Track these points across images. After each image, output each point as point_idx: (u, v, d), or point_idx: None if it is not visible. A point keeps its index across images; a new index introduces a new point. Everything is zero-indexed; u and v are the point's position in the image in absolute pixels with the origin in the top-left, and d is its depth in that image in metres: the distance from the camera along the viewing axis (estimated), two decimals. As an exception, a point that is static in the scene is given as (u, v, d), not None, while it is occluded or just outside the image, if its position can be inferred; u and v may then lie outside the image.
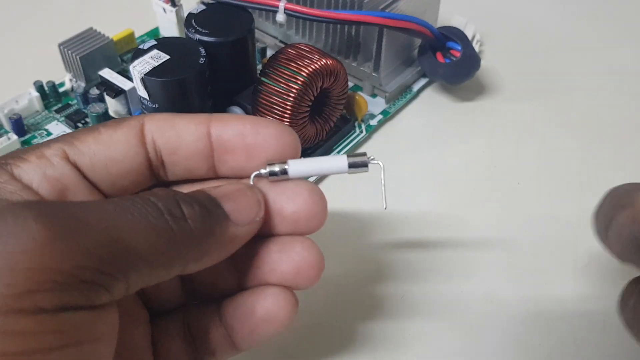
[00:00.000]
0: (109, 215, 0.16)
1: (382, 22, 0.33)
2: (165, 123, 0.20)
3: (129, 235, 0.16)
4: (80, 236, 0.15)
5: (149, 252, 0.17)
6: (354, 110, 0.36)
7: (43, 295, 0.15)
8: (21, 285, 0.14)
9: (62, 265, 0.15)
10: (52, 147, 0.19)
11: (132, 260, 0.16)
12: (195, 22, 0.32)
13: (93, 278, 0.15)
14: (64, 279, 0.15)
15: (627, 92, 0.40)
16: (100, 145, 0.19)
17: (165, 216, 0.17)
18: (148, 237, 0.17)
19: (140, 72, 0.30)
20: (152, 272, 0.17)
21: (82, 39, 0.37)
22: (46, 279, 0.15)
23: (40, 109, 0.37)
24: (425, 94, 0.40)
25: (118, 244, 0.16)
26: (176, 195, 0.18)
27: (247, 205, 0.19)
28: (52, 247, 0.15)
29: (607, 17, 0.47)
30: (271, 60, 0.32)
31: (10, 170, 0.18)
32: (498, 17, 0.46)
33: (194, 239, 0.18)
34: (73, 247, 0.15)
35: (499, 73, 0.41)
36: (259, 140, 0.20)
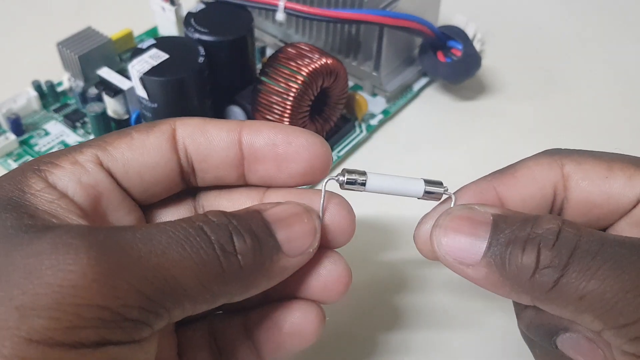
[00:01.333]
0: (160, 249, 0.16)
1: (382, 21, 0.33)
2: (196, 129, 0.20)
3: (178, 272, 0.16)
4: (129, 273, 0.15)
5: (196, 289, 0.16)
6: (354, 109, 0.36)
7: (87, 331, 0.15)
8: (66, 321, 0.14)
9: (109, 303, 0.15)
10: (85, 152, 0.19)
11: (178, 297, 0.16)
12: (194, 21, 0.32)
13: (138, 316, 0.15)
14: (109, 316, 0.15)
15: (627, 91, 0.40)
16: (134, 152, 0.19)
17: (217, 251, 0.17)
18: (197, 275, 0.16)
19: (139, 71, 0.30)
20: (195, 308, 0.17)
21: (81, 38, 0.37)
22: (92, 316, 0.15)
23: (38, 109, 0.37)
24: (425, 93, 0.40)
25: (167, 282, 0.16)
26: (229, 225, 0.17)
27: (302, 234, 0.19)
28: (100, 284, 0.15)
29: (608, 16, 0.47)
30: (271, 60, 0.32)
31: (44, 176, 0.18)
32: (499, 16, 0.46)
33: (242, 276, 0.17)
34: (121, 284, 0.15)
35: (500, 72, 0.41)
36: (290, 150, 0.20)
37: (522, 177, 0.20)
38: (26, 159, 0.34)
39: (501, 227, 0.18)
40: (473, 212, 0.18)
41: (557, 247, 0.16)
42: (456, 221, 0.18)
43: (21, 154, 0.34)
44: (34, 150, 0.34)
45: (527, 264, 0.16)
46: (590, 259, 0.16)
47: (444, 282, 0.29)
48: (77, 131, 0.36)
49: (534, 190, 0.20)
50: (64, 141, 0.35)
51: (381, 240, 0.31)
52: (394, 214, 0.32)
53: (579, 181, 0.20)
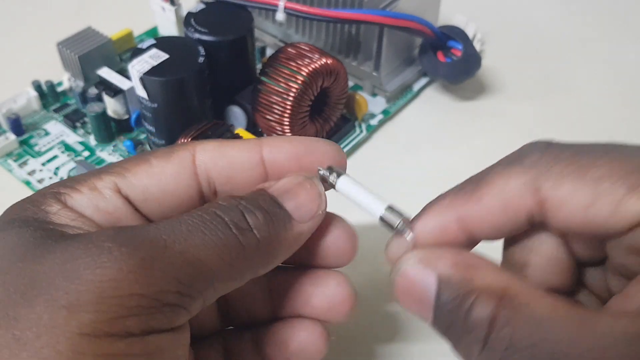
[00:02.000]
0: (182, 237, 0.17)
1: (382, 21, 0.33)
2: (216, 153, 0.20)
3: (203, 254, 0.17)
4: (160, 262, 0.16)
5: (222, 268, 0.17)
6: (354, 109, 0.36)
7: (131, 320, 0.15)
8: (111, 312, 0.15)
9: (147, 291, 0.16)
10: (104, 179, 0.19)
11: (207, 278, 0.17)
12: (194, 21, 0.32)
13: (175, 300, 0.16)
14: (149, 303, 0.16)
15: (627, 91, 0.40)
16: (153, 179, 0.19)
17: (233, 230, 0.17)
18: (220, 254, 0.17)
19: (139, 71, 0.30)
20: (225, 285, 0.18)
21: (81, 38, 0.37)
22: (133, 304, 0.15)
23: (38, 109, 0.37)
24: (425, 93, 0.40)
25: (194, 265, 0.17)
26: (239, 205, 0.18)
27: (309, 199, 0.19)
28: (136, 274, 0.16)
29: (608, 16, 0.47)
30: (271, 60, 0.32)
31: (63, 200, 0.18)
32: (499, 16, 0.46)
33: (261, 248, 0.18)
34: (155, 273, 0.16)
35: (500, 72, 0.41)
36: (313, 159, 0.20)
37: (489, 202, 0.18)
38: (26, 159, 0.34)
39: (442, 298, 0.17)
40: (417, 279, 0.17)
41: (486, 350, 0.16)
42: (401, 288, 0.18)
43: (21, 154, 0.34)
44: (33, 150, 0.34)
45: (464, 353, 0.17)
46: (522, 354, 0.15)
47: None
48: (77, 131, 0.36)
49: (503, 219, 0.18)
50: (64, 141, 0.35)
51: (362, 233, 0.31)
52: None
53: (556, 211, 0.17)
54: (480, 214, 0.18)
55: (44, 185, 0.32)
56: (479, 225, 0.18)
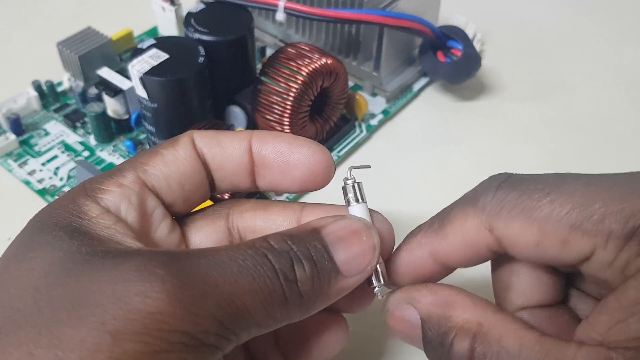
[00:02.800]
0: (232, 277, 0.17)
1: (382, 21, 0.33)
2: (212, 139, 0.21)
3: (248, 300, 0.17)
4: (208, 302, 0.16)
5: (262, 316, 0.17)
6: (354, 109, 0.36)
7: (172, 355, 0.15)
8: (155, 345, 0.15)
9: (192, 329, 0.16)
10: (127, 175, 0.19)
11: (247, 324, 0.17)
12: (194, 21, 0.32)
13: (214, 342, 0.16)
14: (191, 342, 0.16)
15: (628, 91, 0.40)
16: (170, 166, 0.20)
17: (281, 280, 0.17)
18: (264, 303, 0.17)
19: (139, 71, 0.30)
20: (259, 331, 0.18)
21: (81, 38, 0.37)
22: (176, 340, 0.15)
23: (38, 109, 0.37)
24: (425, 93, 0.40)
25: (238, 310, 0.17)
26: (290, 252, 0.18)
27: (361, 253, 0.19)
28: (184, 311, 0.16)
29: (608, 17, 0.47)
30: (271, 60, 0.32)
31: (96, 201, 0.19)
32: (499, 16, 0.46)
33: (302, 302, 0.18)
34: (202, 312, 0.16)
35: (500, 72, 0.41)
36: (292, 158, 0.21)
37: (454, 239, 0.19)
38: (26, 159, 0.34)
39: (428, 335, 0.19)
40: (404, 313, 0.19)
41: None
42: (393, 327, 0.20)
43: (21, 154, 0.34)
44: (34, 150, 0.34)
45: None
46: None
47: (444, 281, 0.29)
48: (77, 131, 0.36)
49: (469, 253, 0.19)
50: (64, 141, 0.35)
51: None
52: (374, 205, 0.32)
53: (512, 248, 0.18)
54: (447, 249, 0.19)
55: (43, 185, 0.32)
56: (449, 258, 0.20)
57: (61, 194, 0.32)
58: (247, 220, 0.22)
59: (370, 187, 0.33)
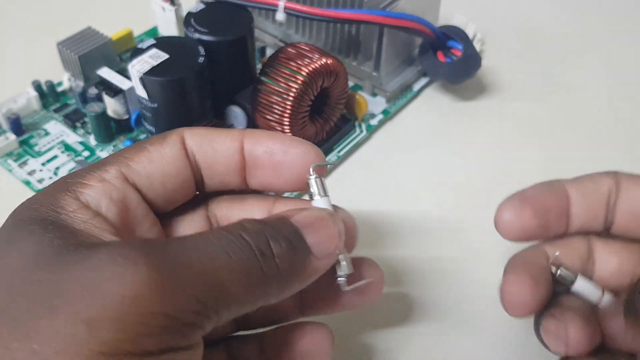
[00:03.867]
0: (207, 256, 0.17)
1: (382, 21, 0.33)
2: (203, 138, 0.21)
3: (226, 277, 0.17)
4: (184, 280, 0.16)
5: (241, 292, 0.17)
6: (354, 109, 0.36)
7: (150, 338, 0.15)
8: (132, 330, 0.15)
9: (169, 309, 0.16)
10: (110, 170, 0.19)
11: (227, 300, 0.17)
12: (194, 21, 0.32)
13: (194, 320, 0.16)
14: (169, 322, 0.16)
15: (628, 91, 0.40)
16: (155, 163, 0.20)
17: (258, 257, 0.18)
18: (242, 278, 0.17)
19: (139, 71, 0.30)
20: (239, 309, 0.18)
21: (81, 38, 0.37)
22: (154, 323, 0.15)
23: (38, 109, 0.37)
24: (425, 93, 0.40)
25: (216, 286, 0.17)
26: (265, 231, 0.18)
27: (328, 237, 0.19)
28: (160, 292, 0.15)
29: (608, 17, 0.47)
30: (271, 60, 0.32)
31: (76, 197, 0.18)
32: (499, 16, 0.46)
33: (280, 278, 0.18)
34: (178, 292, 0.16)
35: (500, 72, 0.41)
36: (286, 159, 0.21)
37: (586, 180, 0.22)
38: (26, 159, 0.34)
39: None
40: None
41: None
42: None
43: (21, 154, 0.34)
44: (34, 150, 0.34)
45: None
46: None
47: (423, 269, 0.29)
48: (77, 131, 0.36)
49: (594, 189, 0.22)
50: (64, 141, 0.35)
51: (381, 240, 0.31)
52: (373, 204, 0.32)
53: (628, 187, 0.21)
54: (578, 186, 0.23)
55: (44, 185, 0.32)
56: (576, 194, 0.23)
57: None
58: (225, 210, 0.22)
59: (370, 187, 0.34)
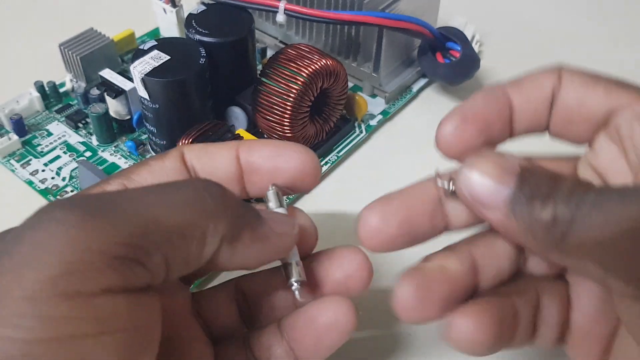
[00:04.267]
0: (141, 195, 0.17)
1: (381, 23, 0.33)
2: (201, 151, 0.22)
3: (162, 210, 0.17)
4: (111, 216, 0.16)
5: (181, 223, 0.17)
6: (354, 110, 0.36)
7: (78, 277, 0.15)
8: (56, 268, 0.15)
9: (94, 245, 0.15)
10: (112, 183, 0.20)
11: (164, 232, 0.17)
12: (195, 22, 0.32)
13: (126, 253, 0.16)
14: (98, 258, 0.15)
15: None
16: (155, 175, 0.21)
17: (202, 191, 0.18)
18: (181, 210, 0.17)
19: (140, 72, 0.30)
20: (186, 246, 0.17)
21: (83, 39, 0.37)
22: (79, 259, 0.15)
23: (40, 109, 0.37)
24: (425, 94, 0.40)
25: (150, 220, 0.16)
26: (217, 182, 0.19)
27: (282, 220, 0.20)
28: (83, 229, 0.15)
29: (607, 18, 0.47)
30: (271, 61, 0.32)
31: None
32: (498, 17, 0.46)
33: (226, 211, 0.18)
34: (104, 226, 0.16)
35: (499, 73, 0.41)
36: (280, 161, 0.22)
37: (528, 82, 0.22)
38: (29, 159, 0.34)
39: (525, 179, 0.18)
40: (503, 159, 0.19)
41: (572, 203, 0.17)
42: (485, 163, 0.19)
43: (24, 154, 0.34)
44: (36, 151, 0.35)
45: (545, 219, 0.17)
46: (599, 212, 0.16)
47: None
48: (79, 132, 0.36)
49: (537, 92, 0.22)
50: (66, 141, 0.35)
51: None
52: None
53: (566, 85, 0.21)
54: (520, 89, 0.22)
55: (46, 185, 0.33)
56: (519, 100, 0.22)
57: (63, 194, 0.32)
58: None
59: (370, 187, 0.34)
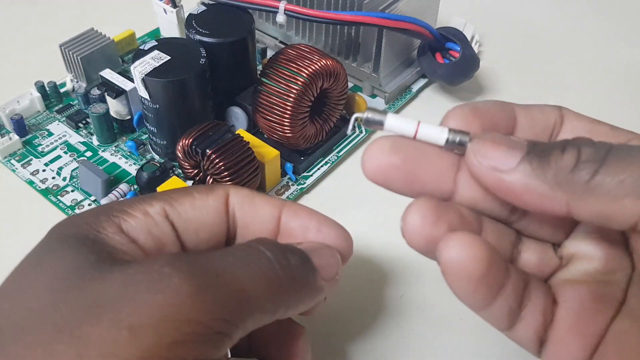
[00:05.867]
0: (232, 267, 0.18)
1: (381, 23, 0.33)
2: (246, 199, 0.22)
3: (249, 285, 0.18)
4: (214, 289, 0.17)
5: (263, 300, 0.18)
6: (354, 110, 0.36)
7: (186, 346, 0.16)
8: (170, 336, 0.16)
9: (202, 317, 0.16)
10: (155, 205, 0.20)
11: (251, 308, 0.18)
12: (195, 23, 0.33)
13: (223, 328, 0.17)
14: (203, 330, 0.16)
15: (626, 91, 0.40)
16: (196, 211, 0.21)
17: (275, 265, 0.19)
18: (262, 286, 0.18)
19: (141, 72, 0.30)
20: (262, 318, 0.18)
21: (83, 39, 0.37)
22: (189, 330, 0.16)
23: (41, 109, 0.37)
24: (424, 94, 0.40)
25: (241, 295, 0.18)
26: (280, 245, 0.20)
27: (330, 262, 0.21)
28: (193, 300, 0.16)
29: (606, 18, 0.47)
30: (271, 61, 0.32)
31: (118, 223, 0.19)
32: (497, 18, 0.47)
33: (295, 286, 0.19)
34: (209, 299, 0.17)
35: (498, 74, 0.41)
36: (319, 238, 0.22)
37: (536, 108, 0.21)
38: (29, 159, 0.34)
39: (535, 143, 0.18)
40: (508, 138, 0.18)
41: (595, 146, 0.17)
42: (493, 137, 0.18)
43: (24, 154, 0.34)
44: (37, 151, 0.35)
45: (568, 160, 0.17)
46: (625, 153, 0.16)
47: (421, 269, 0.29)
48: (80, 132, 0.36)
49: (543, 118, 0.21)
50: (67, 141, 0.35)
51: (357, 232, 0.31)
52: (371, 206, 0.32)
53: (572, 118, 0.22)
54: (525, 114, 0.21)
55: (47, 185, 0.33)
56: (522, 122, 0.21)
57: (64, 194, 0.32)
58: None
59: (369, 187, 0.34)
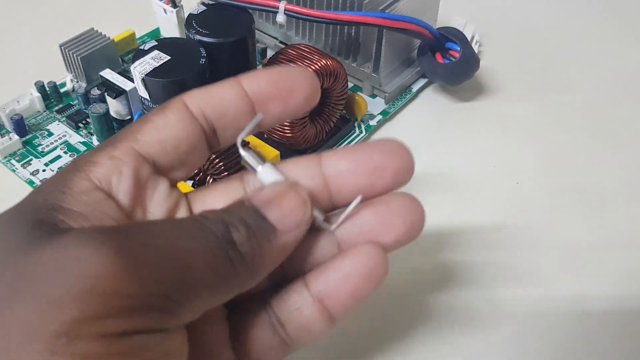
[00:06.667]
0: (173, 241, 0.17)
1: (381, 23, 0.33)
2: (204, 94, 0.21)
3: (192, 261, 0.17)
4: (151, 263, 0.16)
5: (209, 276, 0.17)
6: (354, 110, 0.36)
7: (113, 320, 0.15)
8: (94, 310, 0.15)
9: (134, 291, 0.15)
10: (119, 146, 0.19)
11: (195, 285, 0.17)
12: (195, 22, 0.33)
13: (162, 305, 0.16)
14: (135, 304, 0.15)
15: (626, 91, 0.40)
16: (162, 131, 0.20)
17: (221, 241, 0.17)
18: (208, 262, 0.17)
19: (141, 72, 0.30)
20: (212, 296, 0.18)
21: (83, 39, 0.37)
22: (118, 304, 0.15)
23: (41, 109, 0.37)
24: (424, 94, 0.40)
25: (184, 271, 0.16)
26: (224, 219, 0.18)
27: (292, 208, 0.19)
28: (123, 273, 0.15)
29: (606, 17, 0.47)
30: (271, 61, 0.32)
31: (86, 176, 0.18)
32: (497, 17, 0.47)
33: (246, 264, 0.18)
34: (145, 274, 0.16)
35: (498, 73, 0.41)
36: (289, 82, 0.21)
37: None
38: (29, 159, 0.34)
39: None
40: None
41: None
42: None
43: (24, 154, 0.34)
44: (37, 151, 0.35)
45: None
46: None
47: (421, 269, 0.29)
48: (80, 132, 0.36)
49: None
50: (67, 141, 0.35)
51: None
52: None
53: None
54: None
55: (47, 185, 0.33)
56: None
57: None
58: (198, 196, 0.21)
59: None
